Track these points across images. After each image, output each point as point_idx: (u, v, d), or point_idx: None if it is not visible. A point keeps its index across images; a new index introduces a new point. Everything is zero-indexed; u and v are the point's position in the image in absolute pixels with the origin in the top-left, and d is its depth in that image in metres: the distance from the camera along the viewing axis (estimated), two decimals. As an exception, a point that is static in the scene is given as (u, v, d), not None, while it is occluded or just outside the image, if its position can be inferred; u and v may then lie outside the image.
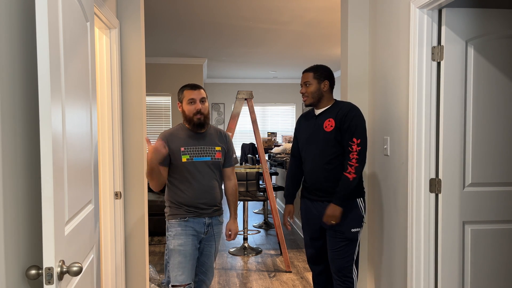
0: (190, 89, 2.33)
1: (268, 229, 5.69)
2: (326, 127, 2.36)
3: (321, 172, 2.37)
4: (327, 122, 2.36)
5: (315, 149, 2.40)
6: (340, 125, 2.31)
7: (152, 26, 5.17)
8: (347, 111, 2.32)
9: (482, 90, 2.19)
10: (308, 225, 2.51)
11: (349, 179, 2.26)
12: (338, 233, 2.35)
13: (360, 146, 2.27)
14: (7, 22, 1.17)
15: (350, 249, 2.36)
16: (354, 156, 2.26)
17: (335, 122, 2.33)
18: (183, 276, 2.26)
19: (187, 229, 2.31)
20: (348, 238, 2.34)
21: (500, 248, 2.23)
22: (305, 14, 4.72)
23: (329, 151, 2.34)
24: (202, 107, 2.32)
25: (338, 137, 2.32)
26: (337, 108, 2.38)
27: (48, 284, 1.13)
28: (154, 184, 2.27)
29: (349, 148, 2.28)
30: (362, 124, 2.33)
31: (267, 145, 7.61)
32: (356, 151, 2.26)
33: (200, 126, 2.34)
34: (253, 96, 4.10)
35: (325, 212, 2.30)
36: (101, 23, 2.49)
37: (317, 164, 2.39)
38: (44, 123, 1.13)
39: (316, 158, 2.39)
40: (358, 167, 2.26)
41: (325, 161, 2.36)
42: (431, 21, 2.18)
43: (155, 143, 2.18)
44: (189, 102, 2.31)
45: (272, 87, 10.20)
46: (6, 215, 1.13)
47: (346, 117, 2.30)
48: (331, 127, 2.34)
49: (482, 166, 2.21)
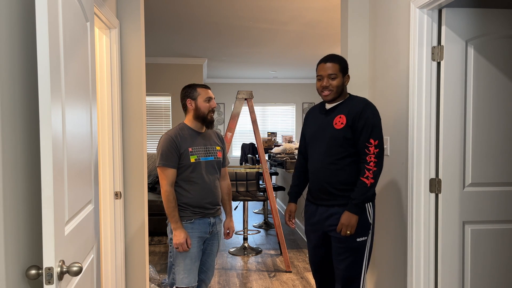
0: (205, 88, 2.40)
1: (268, 229, 5.69)
2: (336, 124, 2.13)
3: (324, 173, 2.16)
4: (337, 119, 2.13)
5: (320, 147, 2.18)
6: (353, 123, 2.08)
7: (152, 26, 5.17)
8: (361, 108, 2.09)
9: (482, 90, 2.19)
10: (311, 231, 2.30)
11: (366, 184, 2.04)
12: (342, 242, 2.12)
13: (378, 148, 2.06)
14: (7, 22, 1.17)
15: (357, 259, 2.13)
16: (372, 159, 2.05)
17: (346, 119, 2.10)
18: (189, 278, 2.29)
19: (193, 231, 2.32)
20: (352, 249, 2.12)
21: (500, 248, 2.23)
22: (305, 14, 4.72)
23: (336, 150, 2.13)
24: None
25: (348, 136, 2.09)
26: (350, 104, 2.15)
27: (48, 284, 1.13)
28: None
29: (366, 150, 2.06)
30: (379, 124, 2.11)
31: (267, 145, 7.60)
32: (374, 154, 2.05)
33: (211, 123, 2.42)
34: (253, 96, 4.10)
35: (340, 221, 2.07)
36: (101, 23, 2.49)
37: (321, 163, 2.18)
38: (44, 123, 1.13)
39: (321, 157, 2.18)
40: (377, 171, 2.05)
41: (329, 160, 2.14)
42: (431, 21, 2.18)
43: (182, 239, 2.25)
44: (207, 100, 2.37)
45: (272, 87, 10.20)
46: (6, 215, 1.13)
47: (361, 115, 2.08)
48: (342, 124, 2.11)
49: (482, 166, 2.21)
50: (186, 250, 2.27)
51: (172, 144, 2.29)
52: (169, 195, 2.27)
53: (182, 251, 2.27)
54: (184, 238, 2.25)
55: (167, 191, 2.27)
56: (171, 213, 2.27)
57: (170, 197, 2.27)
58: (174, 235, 2.27)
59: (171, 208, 2.26)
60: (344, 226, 2.06)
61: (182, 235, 2.25)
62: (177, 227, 2.26)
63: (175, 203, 2.28)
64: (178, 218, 2.27)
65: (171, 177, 2.28)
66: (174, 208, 2.27)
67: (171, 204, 2.27)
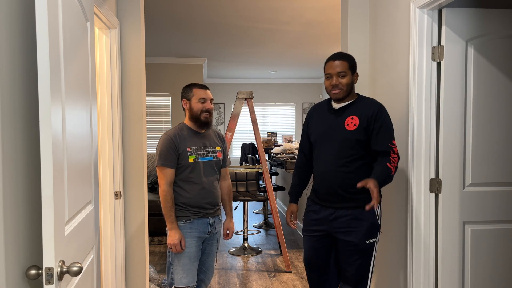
0: (201, 88, 2.38)
1: (268, 229, 5.69)
2: (348, 125, 2.08)
3: (335, 175, 2.10)
4: (349, 120, 2.09)
5: (331, 149, 2.12)
6: (368, 125, 2.06)
7: (152, 26, 5.17)
8: (376, 110, 2.08)
9: (482, 90, 2.19)
10: (310, 231, 2.23)
11: (391, 170, 2.02)
12: (351, 245, 2.10)
13: (396, 147, 2.10)
14: (7, 22, 1.17)
15: (366, 261, 2.13)
16: (396, 160, 2.06)
17: (360, 120, 2.07)
18: (187, 278, 2.29)
19: (192, 231, 2.32)
20: (362, 250, 2.10)
21: (500, 248, 2.23)
22: (305, 14, 4.72)
23: (347, 152, 2.08)
24: (211, 107, 2.39)
25: (361, 138, 2.06)
26: (362, 105, 2.11)
27: (48, 284, 1.13)
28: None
29: (390, 151, 2.06)
30: (392, 125, 2.14)
31: (267, 145, 7.60)
32: (397, 154, 2.08)
33: (205, 125, 2.38)
34: (253, 96, 4.10)
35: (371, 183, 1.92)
36: (101, 23, 2.49)
37: (331, 165, 2.12)
38: (44, 123, 1.13)
39: (331, 158, 2.12)
40: (397, 166, 2.08)
41: (340, 163, 2.09)
42: (431, 21, 2.18)
43: (176, 240, 2.25)
44: (200, 100, 2.34)
45: (272, 87, 10.20)
46: (6, 215, 1.13)
47: (377, 117, 2.06)
48: (354, 126, 2.07)
49: (482, 166, 2.21)
50: (180, 251, 2.27)
51: (170, 144, 2.29)
52: (167, 195, 2.27)
53: (176, 252, 2.27)
54: (179, 239, 2.25)
55: (164, 191, 2.27)
56: (167, 213, 2.27)
57: (168, 197, 2.27)
58: (169, 235, 2.27)
59: (168, 208, 2.27)
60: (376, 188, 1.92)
61: (176, 235, 2.25)
62: (172, 228, 2.26)
63: (172, 203, 2.28)
64: (174, 218, 2.28)
65: (169, 177, 2.29)
66: (170, 208, 2.27)
67: (168, 204, 2.27)
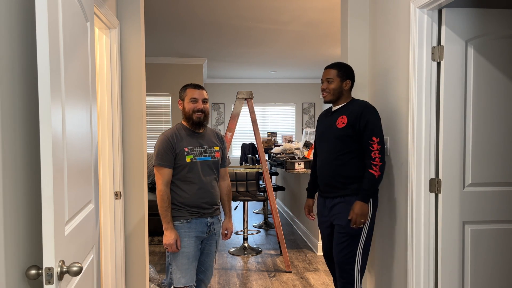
0: (193, 88, 2.37)
1: (268, 229, 5.69)
2: (338, 124, 2.38)
3: (329, 167, 2.41)
4: (340, 119, 2.38)
5: (326, 145, 2.44)
6: (354, 123, 2.32)
7: (152, 26, 5.17)
8: (361, 109, 2.33)
9: (482, 90, 2.19)
10: (321, 222, 2.54)
11: (374, 176, 2.26)
12: (340, 228, 2.36)
13: (379, 145, 2.28)
14: (7, 22, 1.17)
15: (351, 245, 2.34)
16: (377, 155, 2.27)
17: (347, 119, 2.34)
18: (186, 278, 2.29)
19: (190, 231, 2.32)
20: (349, 234, 2.33)
21: (500, 248, 2.23)
22: (305, 14, 4.72)
23: (338, 147, 2.37)
24: (203, 107, 2.36)
25: (349, 134, 2.33)
26: (352, 106, 2.39)
27: (48, 284, 1.13)
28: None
29: (370, 148, 2.29)
30: (379, 123, 2.34)
31: (267, 145, 7.60)
32: (377, 150, 2.27)
33: (198, 125, 2.37)
34: (253, 96, 4.11)
35: (353, 211, 2.27)
36: (101, 23, 2.49)
37: (326, 159, 2.43)
38: (44, 123, 1.13)
39: (326, 154, 2.44)
40: (382, 165, 2.28)
41: (333, 157, 2.39)
42: (431, 21, 2.18)
43: (172, 240, 2.25)
44: (191, 100, 2.34)
45: (272, 87, 10.20)
46: (6, 215, 1.13)
47: (362, 115, 2.31)
48: (343, 124, 2.35)
49: (482, 166, 2.21)
50: (175, 251, 2.27)
51: (168, 144, 2.29)
52: (163, 195, 2.27)
53: (172, 252, 2.27)
54: (174, 239, 2.25)
55: (161, 191, 2.28)
56: (164, 213, 2.27)
57: (164, 197, 2.27)
58: (165, 235, 2.27)
59: (164, 208, 2.27)
60: (358, 216, 2.27)
61: (172, 235, 2.25)
62: (168, 228, 2.27)
63: (169, 203, 2.28)
64: (170, 218, 2.28)
65: (166, 177, 2.29)
66: (167, 208, 2.27)
67: (165, 204, 2.27)
